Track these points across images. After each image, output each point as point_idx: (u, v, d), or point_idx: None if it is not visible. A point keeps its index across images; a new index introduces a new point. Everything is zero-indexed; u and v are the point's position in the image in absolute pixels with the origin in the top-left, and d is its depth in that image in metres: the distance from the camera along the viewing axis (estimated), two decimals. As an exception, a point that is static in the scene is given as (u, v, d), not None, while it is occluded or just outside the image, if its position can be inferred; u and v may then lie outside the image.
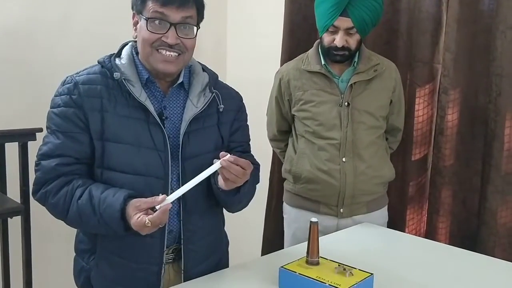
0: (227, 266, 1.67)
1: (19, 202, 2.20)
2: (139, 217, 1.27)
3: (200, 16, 1.47)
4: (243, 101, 1.67)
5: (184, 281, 1.49)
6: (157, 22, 1.39)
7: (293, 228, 2.21)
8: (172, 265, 1.52)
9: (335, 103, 2.05)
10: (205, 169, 1.36)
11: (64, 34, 2.59)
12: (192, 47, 1.45)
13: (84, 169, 1.43)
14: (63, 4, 2.59)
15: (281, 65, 2.60)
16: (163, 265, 1.47)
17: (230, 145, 1.60)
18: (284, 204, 2.27)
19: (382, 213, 2.19)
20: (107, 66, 1.44)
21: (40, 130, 2.17)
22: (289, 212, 2.24)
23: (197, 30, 1.46)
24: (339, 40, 1.99)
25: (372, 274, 1.41)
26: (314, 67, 2.09)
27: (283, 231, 2.29)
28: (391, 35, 2.37)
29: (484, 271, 1.66)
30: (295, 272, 1.40)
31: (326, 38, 2.03)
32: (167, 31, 1.39)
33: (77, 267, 1.54)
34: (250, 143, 1.71)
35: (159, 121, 1.42)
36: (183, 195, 1.36)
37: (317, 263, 1.45)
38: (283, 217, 2.30)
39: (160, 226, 1.30)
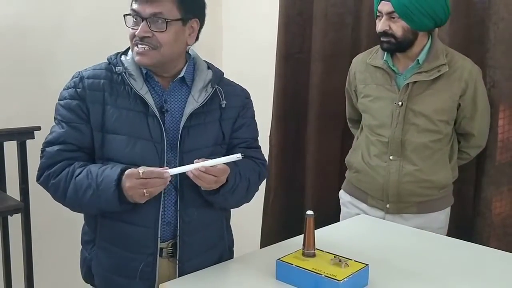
0: None
1: (19, 200, 2.21)
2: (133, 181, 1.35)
3: (183, 10, 1.47)
4: (250, 98, 1.69)
5: (179, 274, 1.51)
6: (133, 18, 1.46)
7: (344, 212, 2.24)
8: (169, 259, 1.54)
9: (391, 100, 2.02)
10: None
11: (62, 33, 2.59)
12: (168, 41, 1.46)
13: (86, 157, 1.49)
14: (60, 2, 2.59)
15: (276, 60, 2.62)
16: (157, 256, 1.49)
17: (234, 141, 1.61)
18: (341, 189, 2.30)
19: (438, 217, 2.09)
20: (112, 62, 1.52)
21: (39, 128, 2.18)
22: (343, 197, 2.27)
23: (182, 23, 1.47)
24: (380, 24, 1.96)
25: (367, 265, 1.43)
26: (378, 61, 2.06)
27: (281, 224, 2.31)
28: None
29: (479, 261, 1.67)
30: (292, 264, 1.42)
31: (376, 25, 2.01)
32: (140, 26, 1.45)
33: (82, 258, 1.60)
34: (258, 138, 1.71)
35: (157, 114, 1.47)
36: (181, 186, 1.43)
37: (313, 255, 1.47)
38: (280, 210, 2.32)
39: (162, 186, 1.38)
